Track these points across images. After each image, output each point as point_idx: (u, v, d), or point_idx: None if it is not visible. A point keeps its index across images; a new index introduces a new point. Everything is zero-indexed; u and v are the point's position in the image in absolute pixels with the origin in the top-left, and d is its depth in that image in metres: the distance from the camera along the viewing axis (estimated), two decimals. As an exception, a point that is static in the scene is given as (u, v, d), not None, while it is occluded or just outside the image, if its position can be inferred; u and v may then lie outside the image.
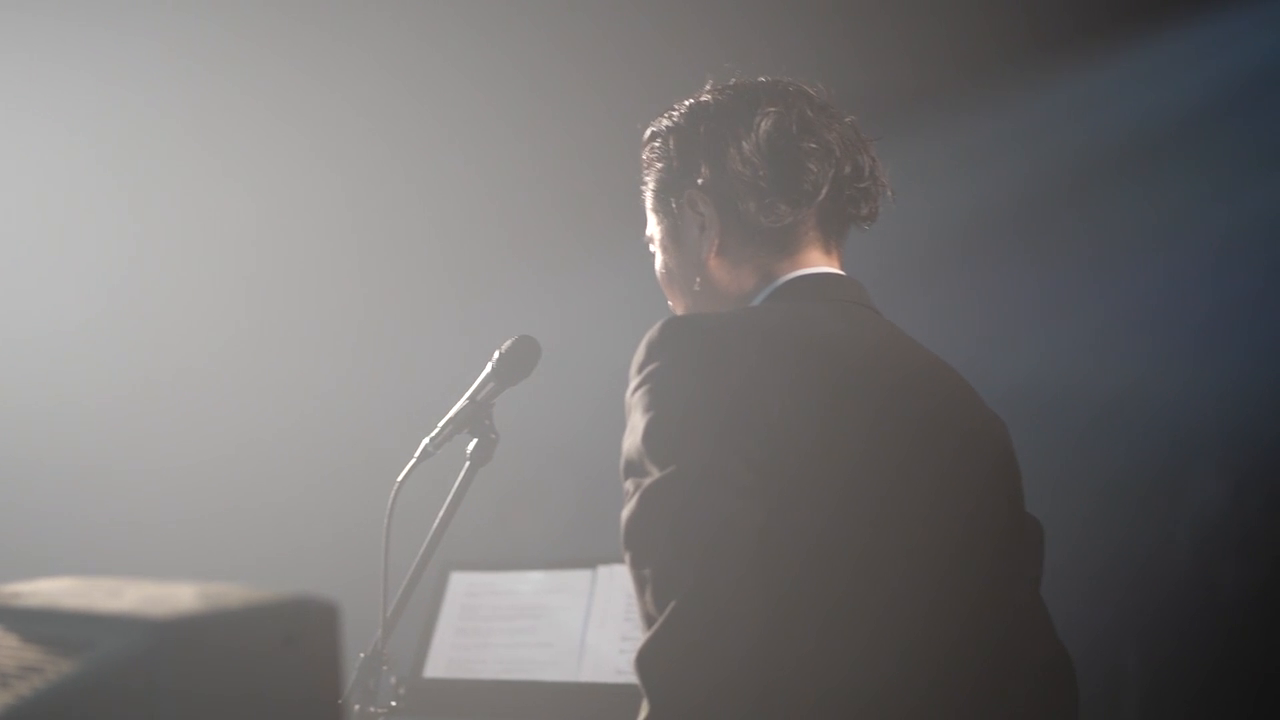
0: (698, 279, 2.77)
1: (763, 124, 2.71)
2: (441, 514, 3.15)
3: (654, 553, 2.33)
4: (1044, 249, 6.10)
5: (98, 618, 1.56)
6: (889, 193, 2.84)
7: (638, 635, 4.17)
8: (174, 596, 1.57)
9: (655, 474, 2.36)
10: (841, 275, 2.77)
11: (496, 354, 3.16)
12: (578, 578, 4.28)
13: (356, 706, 3.18)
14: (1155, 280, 6.09)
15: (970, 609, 2.53)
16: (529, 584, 4.35)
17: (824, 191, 2.72)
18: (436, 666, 4.28)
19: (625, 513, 2.39)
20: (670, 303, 2.87)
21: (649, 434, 2.39)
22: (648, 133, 2.87)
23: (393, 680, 3.31)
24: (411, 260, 6.36)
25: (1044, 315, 6.21)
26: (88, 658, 1.51)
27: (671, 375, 2.42)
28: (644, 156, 2.86)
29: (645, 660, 2.30)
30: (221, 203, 6.15)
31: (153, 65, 5.88)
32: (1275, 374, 5.84)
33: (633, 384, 2.47)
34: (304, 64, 5.99)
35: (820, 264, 2.75)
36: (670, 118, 2.83)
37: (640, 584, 2.35)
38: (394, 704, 3.26)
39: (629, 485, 2.41)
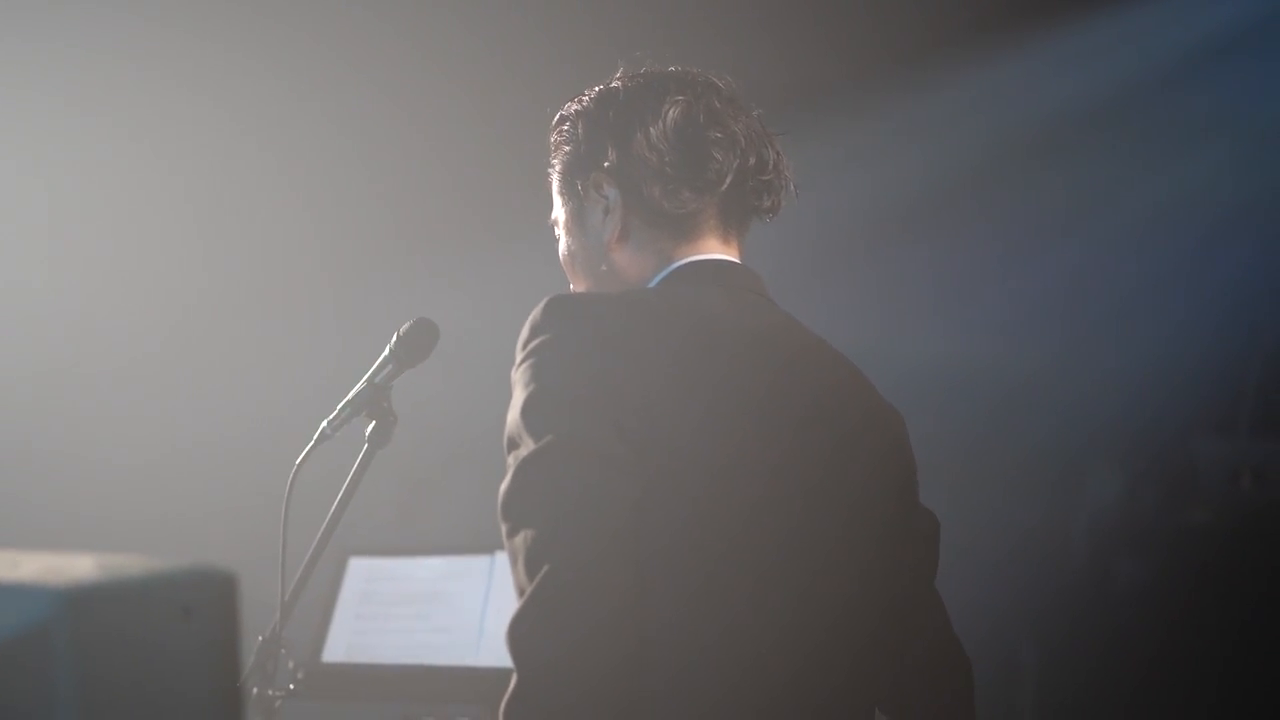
0: (603, 264, 2.79)
1: (670, 111, 2.73)
2: (340, 496, 3.16)
3: (526, 523, 2.37)
4: (951, 235, 6.16)
5: (-6, 587, 1.56)
6: (792, 187, 2.86)
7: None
8: (72, 566, 1.56)
9: (531, 446, 2.40)
10: (736, 263, 2.80)
11: (395, 336, 3.18)
12: (476, 563, 4.31)
13: (254, 689, 3.18)
14: (1062, 269, 6.17)
15: (841, 596, 2.58)
16: (427, 570, 4.37)
17: (728, 181, 2.74)
18: (335, 651, 4.29)
19: (502, 486, 2.43)
20: (572, 285, 2.89)
21: (527, 408, 2.44)
22: (556, 116, 2.88)
23: (290, 664, 3.31)
24: (313, 241, 6.34)
25: (950, 302, 6.27)
26: (-14, 627, 1.51)
27: (552, 351, 2.47)
28: (551, 140, 2.88)
29: (513, 630, 2.34)
30: (132, 182, 6.11)
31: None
32: (1174, 371, 5.93)
33: (516, 360, 2.52)
34: (195, 51, 5.97)
35: (717, 251, 2.77)
36: (579, 102, 2.85)
37: (513, 555, 2.39)
38: (292, 687, 3.26)
39: (510, 460, 2.46)
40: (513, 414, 2.46)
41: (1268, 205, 6.07)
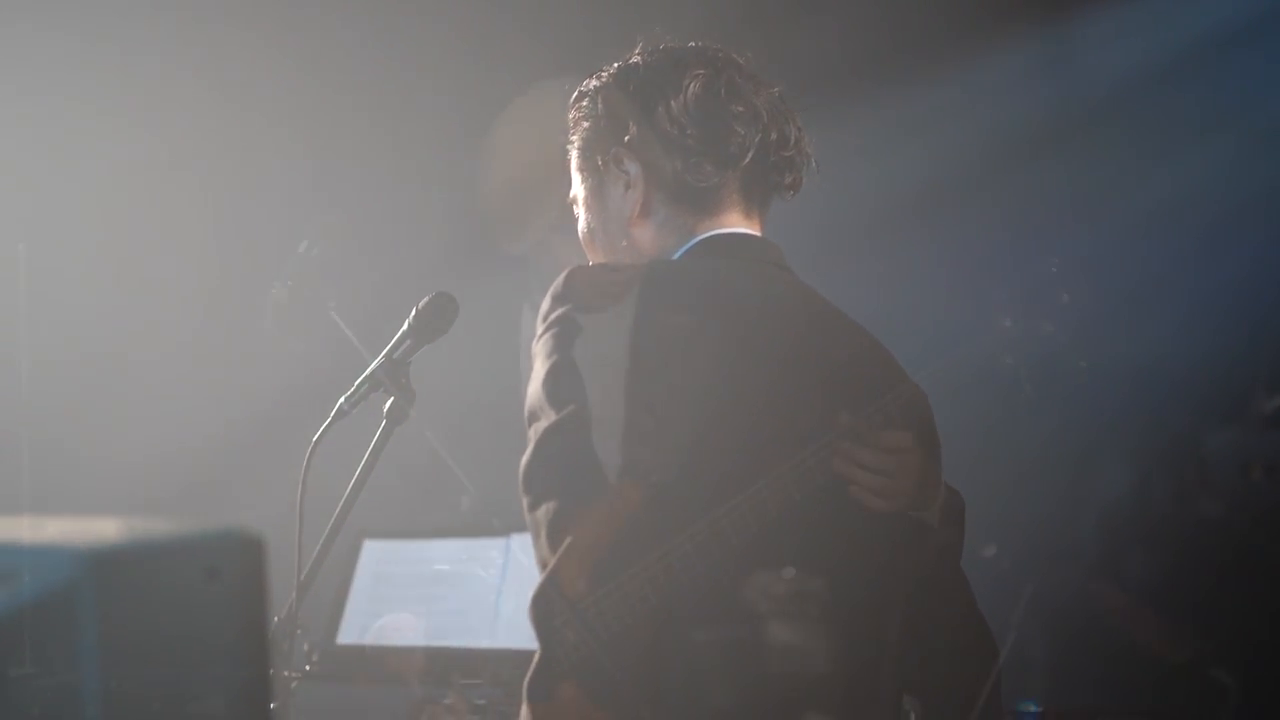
0: (624, 240, 2.77)
1: (691, 86, 2.72)
2: (358, 473, 3.14)
3: (548, 496, 2.38)
4: (959, 226, 6.14)
5: (24, 549, 1.56)
6: (813, 164, 2.84)
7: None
8: (98, 529, 1.57)
9: (552, 416, 2.40)
10: (757, 236, 2.78)
11: (414, 311, 3.13)
12: (491, 546, 4.29)
13: (270, 670, 3.18)
14: (1075, 253, 6.15)
15: (863, 570, 2.57)
16: (442, 552, 4.35)
17: (749, 155, 2.72)
18: (350, 633, 4.27)
19: (523, 459, 2.43)
20: (592, 263, 2.87)
21: (548, 379, 2.43)
22: (575, 93, 2.86)
23: (305, 646, 3.31)
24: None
25: (958, 294, 6.25)
26: (16, 586, 1.51)
27: (572, 322, 2.46)
28: (570, 116, 2.86)
29: (537, 603, 2.32)
30: (140, 166, 6.11)
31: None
32: (1184, 363, 5.91)
33: (537, 332, 2.51)
34: (208, 43, 5.98)
35: (739, 225, 2.76)
36: (599, 78, 2.83)
37: (535, 529, 2.39)
38: (307, 669, 3.27)
39: (530, 432, 2.45)
40: (534, 385, 2.45)
41: (1278, 197, 6.07)
